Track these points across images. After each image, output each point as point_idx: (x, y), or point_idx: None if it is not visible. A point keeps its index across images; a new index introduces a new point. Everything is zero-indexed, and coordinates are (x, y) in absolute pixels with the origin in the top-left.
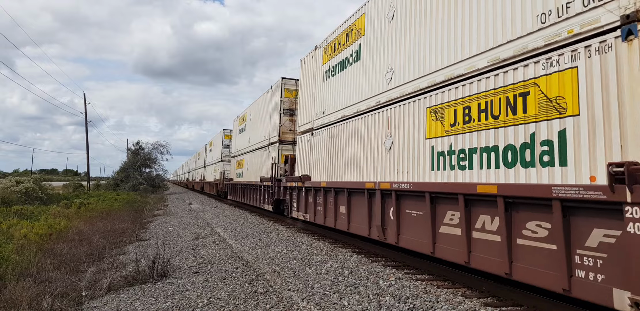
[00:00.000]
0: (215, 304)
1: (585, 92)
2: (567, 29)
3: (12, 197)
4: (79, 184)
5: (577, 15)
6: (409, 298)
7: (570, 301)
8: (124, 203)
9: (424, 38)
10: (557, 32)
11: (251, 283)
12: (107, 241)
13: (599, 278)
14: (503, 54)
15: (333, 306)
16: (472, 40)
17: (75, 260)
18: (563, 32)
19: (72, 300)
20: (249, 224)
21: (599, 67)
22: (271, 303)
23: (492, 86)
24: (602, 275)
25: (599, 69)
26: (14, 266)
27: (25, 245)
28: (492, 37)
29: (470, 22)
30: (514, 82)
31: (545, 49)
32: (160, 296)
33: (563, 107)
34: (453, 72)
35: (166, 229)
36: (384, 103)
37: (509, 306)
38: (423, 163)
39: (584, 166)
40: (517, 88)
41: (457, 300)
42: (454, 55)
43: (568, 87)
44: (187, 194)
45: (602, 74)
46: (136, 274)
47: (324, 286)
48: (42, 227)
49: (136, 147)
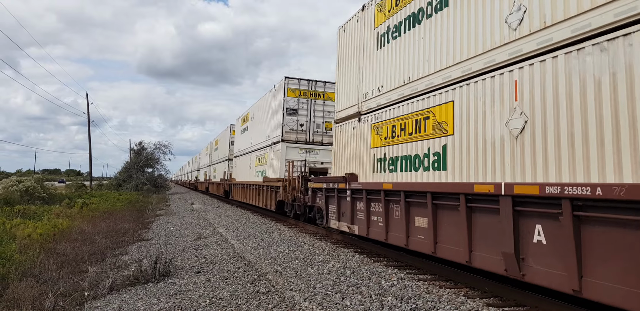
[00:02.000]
0: (218, 304)
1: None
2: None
3: (14, 197)
4: (82, 184)
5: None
6: (411, 298)
7: (573, 301)
8: (126, 203)
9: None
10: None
11: (253, 283)
12: (109, 241)
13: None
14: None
15: (335, 306)
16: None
17: (77, 260)
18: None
19: (75, 300)
20: (251, 224)
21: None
22: (273, 303)
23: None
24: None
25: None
26: (17, 266)
27: (28, 245)
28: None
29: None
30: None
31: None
32: (163, 296)
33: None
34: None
35: (168, 229)
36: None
37: (511, 306)
38: None
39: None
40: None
41: (459, 300)
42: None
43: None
44: (189, 194)
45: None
46: (138, 274)
47: (326, 286)
48: (45, 227)
49: (138, 147)
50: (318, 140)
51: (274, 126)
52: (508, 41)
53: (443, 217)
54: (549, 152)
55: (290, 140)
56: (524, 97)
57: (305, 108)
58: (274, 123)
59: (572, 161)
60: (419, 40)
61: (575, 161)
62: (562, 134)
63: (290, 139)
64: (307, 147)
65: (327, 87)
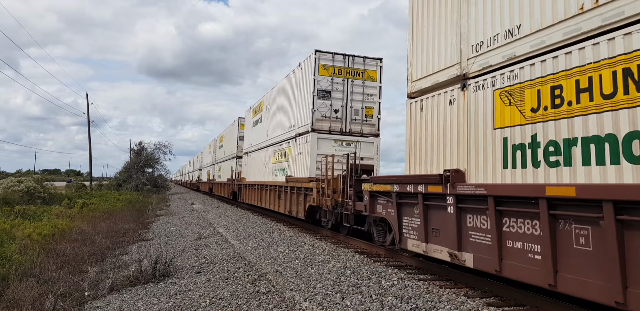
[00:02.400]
0: (218, 304)
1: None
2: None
3: (14, 197)
4: (82, 184)
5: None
6: (411, 298)
7: (573, 301)
8: (126, 203)
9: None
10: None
11: (253, 283)
12: (109, 241)
13: None
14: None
15: (335, 306)
16: None
17: (77, 260)
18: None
19: (75, 300)
20: (252, 224)
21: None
22: (273, 303)
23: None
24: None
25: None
26: (17, 266)
27: (28, 245)
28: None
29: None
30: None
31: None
32: (163, 296)
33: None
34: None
35: (169, 229)
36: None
37: (511, 306)
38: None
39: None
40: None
41: (459, 300)
42: None
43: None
44: (189, 194)
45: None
46: (139, 274)
47: (326, 286)
48: (46, 227)
49: (139, 147)
50: (357, 130)
51: (300, 113)
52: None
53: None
54: None
55: (323, 130)
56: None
57: (340, 90)
58: (300, 110)
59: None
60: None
61: None
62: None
63: (322, 129)
64: (343, 139)
65: (367, 64)
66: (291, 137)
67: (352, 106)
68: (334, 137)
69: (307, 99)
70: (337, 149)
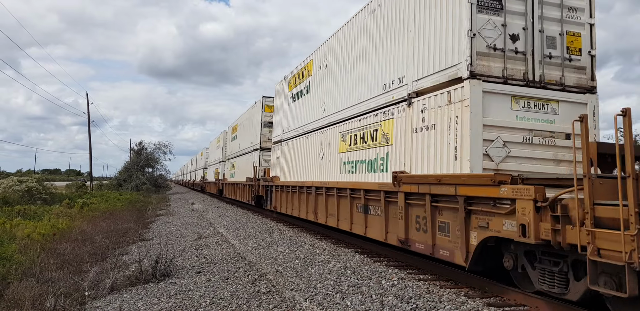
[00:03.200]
0: (218, 304)
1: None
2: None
3: (15, 197)
4: (82, 184)
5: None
6: (411, 298)
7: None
8: (126, 203)
9: None
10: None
11: (254, 283)
12: (110, 241)
13: None
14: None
15: (336, 306)
16: None
17: (78, 260)
18: None
19: (75, 300)
20: (252, 224)
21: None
22: (274, 303)
23: None
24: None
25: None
26: (17, 266)
27: (29, 245)
28: None
29: None
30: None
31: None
32: (163, 296)
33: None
34: None
35: (169, 229)
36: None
37: (511, 306)
38: None
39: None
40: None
41: (459, 300)
42: None
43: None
44: (189, 194)
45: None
46: (139, 274)
47: (327, 286)
48: (46, 227)
49: (139, 147)
50: (554, 76)
51: (431, 44)
52: None
53: None
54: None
55: (491, 75)
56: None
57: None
58: (432, 38)
59: None
60: None
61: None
62: None
63: (490, 73)
64: (533, 95)
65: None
66: (398, 99)
67: (542, 29)
68: (516, 90)
69: (454, 11)
70: (521, 117)
